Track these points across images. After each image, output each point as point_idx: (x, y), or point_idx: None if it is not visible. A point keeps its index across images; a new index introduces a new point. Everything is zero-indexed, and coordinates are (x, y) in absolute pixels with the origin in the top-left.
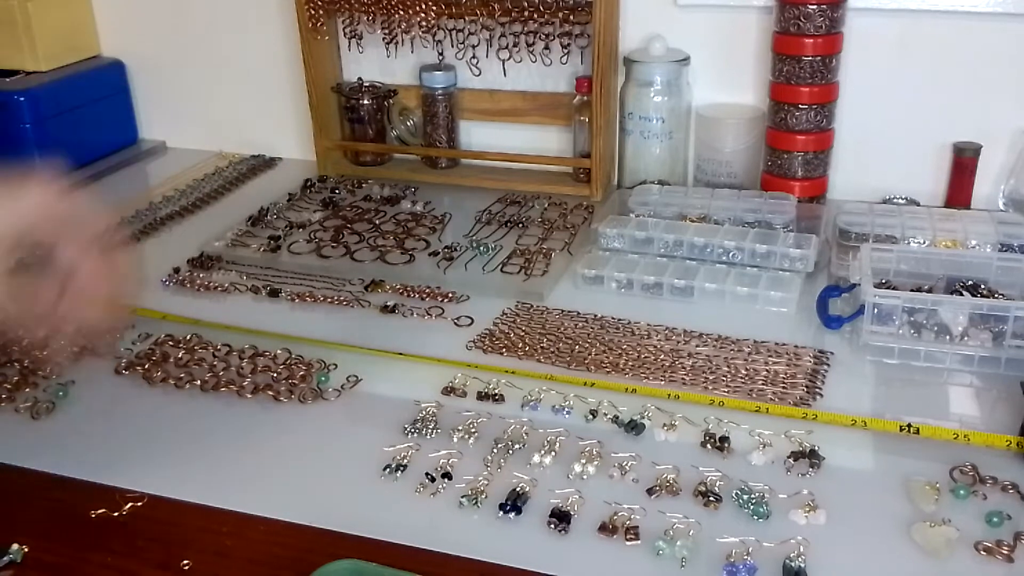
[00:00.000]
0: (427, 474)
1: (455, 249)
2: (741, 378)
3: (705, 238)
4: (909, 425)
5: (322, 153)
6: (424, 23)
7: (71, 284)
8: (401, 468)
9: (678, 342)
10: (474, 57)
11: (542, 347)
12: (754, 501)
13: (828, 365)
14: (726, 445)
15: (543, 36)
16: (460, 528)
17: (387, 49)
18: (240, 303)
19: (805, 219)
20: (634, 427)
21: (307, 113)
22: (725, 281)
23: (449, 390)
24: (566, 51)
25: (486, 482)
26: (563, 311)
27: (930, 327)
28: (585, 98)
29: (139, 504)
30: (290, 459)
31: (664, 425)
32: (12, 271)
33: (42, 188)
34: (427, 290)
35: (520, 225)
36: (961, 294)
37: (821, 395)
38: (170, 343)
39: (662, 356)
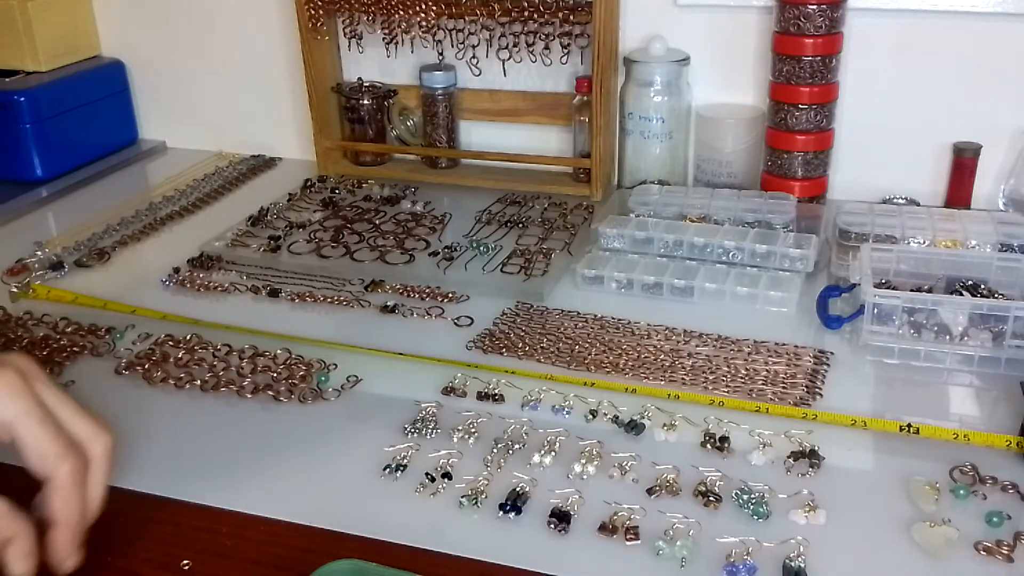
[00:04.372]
0: (427, 474)
1: (455, 249)
2: (741, 378)
3: (705, 238)
4: (909, 425)
5: (322, 153)
6: (424, 23)
7: None
8: (401, 468)
9: (678, 342)
10: (474, 57)
11: (542, 347)
12: (754, 501)
13: (828, 365)
14: (726, 445)
15: (543, 36)
16: (460, 528)
17: (387, 49)
18: (240, 303)
19: (805, 219)
20: (634, 427)
21: (307, 113)
22: (725, 281)
23: (449, 390)
24: (566, 51)
25: (486, 482)
26: (563, 311)
27: (930, 327)
28: (585, 98)
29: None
30: (290, 459)
31: (664, 425)
32: None
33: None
34: (427, 290)
35: (520, 225)
36: (961, 294)
37: (821, 395)
38: (170, 343)
39: (662, 356)
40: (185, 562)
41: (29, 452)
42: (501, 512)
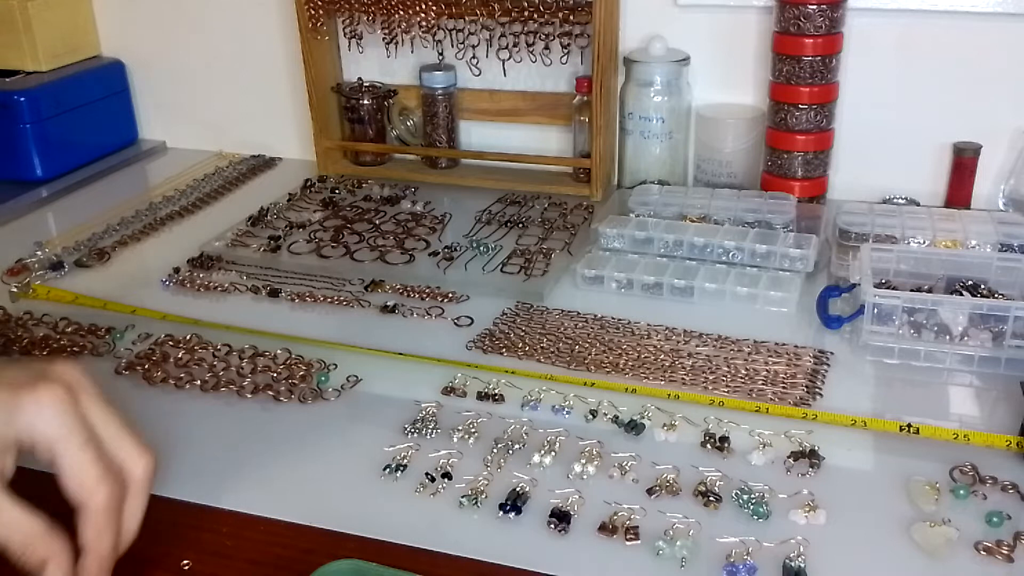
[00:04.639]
0: (427, 474)
1: (455, 249)
2: (741, 378)
3: (705, 238)
4: (909, 425)
5: (322, 153)
6: (424, 23)
7: None
8: (401, 468)
9: (678, 342)
10: (474, 57)
11: (542, 347)
12: (754, 501)
13: (828, 365)
14: (726, 445)
15: (543, 36)
16: (460, 528)
17: (387, 49)
18: (240, 303)
19: (805, 219)
20: (634, 427)
21: (307, 113)
22: (725, 281)
23: (449, 390)
24: (566, 51)
25: (486, 482)
26: (563, 311)
27: (930, 327)
28: (585, 98)
29: None
30: (290, 459)
31: (664, 425)
32: None
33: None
34: (427, 290)
35: (520, 225)
36: (961, 294)
37: (821, 395)
38: (170, 343)
39: (662, 356)
40: (185, 562)
41: (66, 476)
42: (501, 512)
